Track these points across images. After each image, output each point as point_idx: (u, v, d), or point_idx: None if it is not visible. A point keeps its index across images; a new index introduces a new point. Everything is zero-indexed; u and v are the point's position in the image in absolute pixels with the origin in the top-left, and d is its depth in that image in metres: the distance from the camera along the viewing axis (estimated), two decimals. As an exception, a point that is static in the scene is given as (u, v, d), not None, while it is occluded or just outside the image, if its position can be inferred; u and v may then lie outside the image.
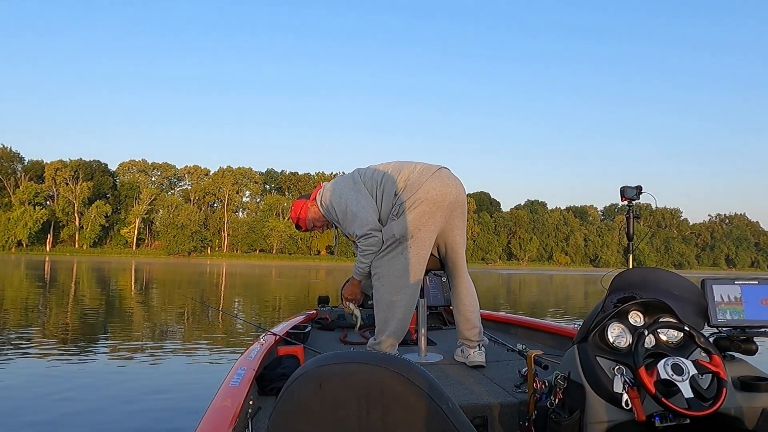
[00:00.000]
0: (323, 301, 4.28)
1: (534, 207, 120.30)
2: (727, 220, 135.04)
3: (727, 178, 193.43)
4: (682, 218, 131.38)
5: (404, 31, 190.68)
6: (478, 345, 2.78)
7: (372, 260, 2.69)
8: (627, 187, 3.51)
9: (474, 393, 2.26)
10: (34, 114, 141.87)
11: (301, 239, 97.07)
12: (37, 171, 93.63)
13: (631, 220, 3.56)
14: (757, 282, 1.86)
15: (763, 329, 1.81)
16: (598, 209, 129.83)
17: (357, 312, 3.05)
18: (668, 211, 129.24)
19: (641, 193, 3.53)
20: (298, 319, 3.77)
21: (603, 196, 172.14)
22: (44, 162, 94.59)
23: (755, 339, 1.81)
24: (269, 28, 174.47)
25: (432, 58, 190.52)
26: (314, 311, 4.14)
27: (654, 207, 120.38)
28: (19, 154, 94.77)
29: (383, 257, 2.66)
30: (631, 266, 3.35)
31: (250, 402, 1.77)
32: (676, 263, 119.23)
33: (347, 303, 3.03)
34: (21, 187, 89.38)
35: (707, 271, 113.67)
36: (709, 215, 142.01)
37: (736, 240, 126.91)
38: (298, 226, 2.97)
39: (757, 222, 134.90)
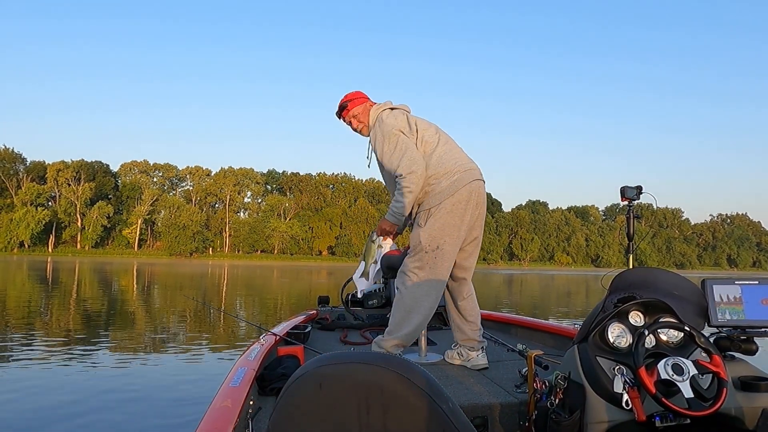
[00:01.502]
0: (323, 301, 4.28)
1: (535, 207, 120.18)
2: (728, 220, 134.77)
3: (729, 178, 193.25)
4: (684, 218, 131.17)
5: (403, 22, 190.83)
6: (482, 347, 2.78)
7: (410, 202, 2.62)
8: (627, 187, 3.51)
9: (474, 393, 2.26)
10: (36, 115, 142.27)
11: (302, 240, 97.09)
12: (39, 172, 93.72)
13: (632, 220, 3.56)
14: (757, 282, 1.85)
15: (763, 329, 1.80)
16: (600, 209, 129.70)
17: (382, 250, 2.86)
18: (669, 211, 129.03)
19: (641, 193, 3.52)
20: (298, 319, 3.78)
21: (604, 195, 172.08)
22: (46, 163, 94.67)
23: (755, 339, 1.81)
24: (269, 28, 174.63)
25: (431, 53, 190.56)
26: (314, 311, 4.15)
27: (655, 207, 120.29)
28: (21, 155, 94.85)
29: (412, 263, 2.64)
30: (631, 266, 3.35)
31: (251, 402, 1.77)
32: (677, 263, 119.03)
33: (376, 238, 2.86)
34: (23, 188, 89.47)
35: (709, 270, 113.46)
36: (710, 215, 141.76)
37: (737, 240, 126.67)
38: (340, 111, 2.90)
39: (759, 222, 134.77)
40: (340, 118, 2.94)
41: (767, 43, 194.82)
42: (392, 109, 2.83)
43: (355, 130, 2.90)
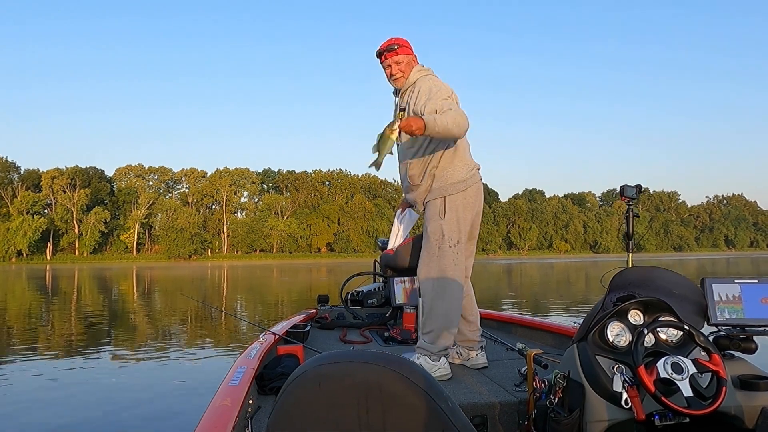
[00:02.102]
0: (323, 300, 4.28)
1: (532, 195, 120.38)
2: (725, 201, 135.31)
3: (724, 159, 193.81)
4: (680, 201, 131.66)
5: (393, 12, 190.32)
6: (481, 347, 2.78)
7: (449, 133, 2.38)
8: (626, 186, 3.50)
9: (474, 392, 2.27)
10: (29, 123, 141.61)
11: (301, 237, 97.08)
12: (33, 180, 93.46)
13: (631, 219, 3.54)
14: (756, 281, 1.86)
15: (762, 328, 1.80)
16: (596, 195, 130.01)
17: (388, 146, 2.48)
18: (666, 194, 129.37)
19: (641, 192, 3.52)
20: (297, 318, 3.78)
21: (601, 182, 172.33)
22: (40, 171, 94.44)
23: (755, 338, 1.81)
24: (262, 28, 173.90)
25: (423, 40, 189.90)
26: (314, 310, 4.15)
27: (651, 192, 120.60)
28: (15, 163, 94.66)
29: (442, 261, 2.59)
30: (630, 266, 3.34)
31: (250, 401, 1.78)
32: (675, 246, 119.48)
33: (397, 128, 2.43)
34: (18, 197, 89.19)
35: (707, 252, 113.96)
36: (707, 197, 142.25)
37: (734, 220, 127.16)
38: (385, 52, 2.74)
39: (755, 202, 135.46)
40: (380, 57, 2.77)
41: (762, 21, 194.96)
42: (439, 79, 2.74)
43: (390, 76, 2.77)
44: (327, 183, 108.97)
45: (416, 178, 2.69)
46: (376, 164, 2.55)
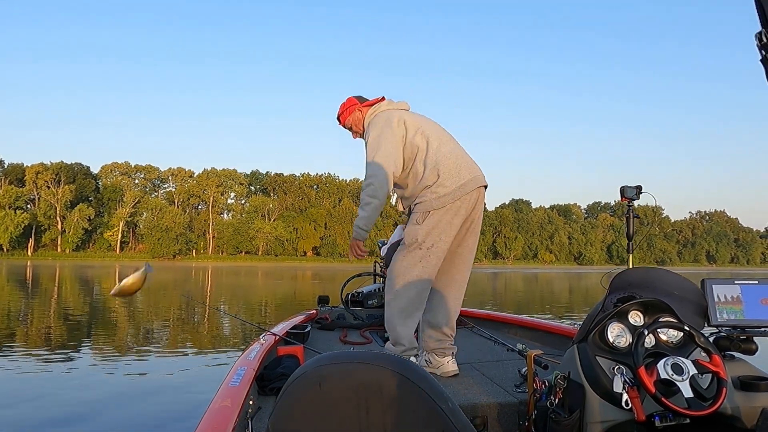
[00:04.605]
0: (323, 301, 4.29)
1: (518, 206, 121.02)
2: (707, 217, 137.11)
3: (708, 176, 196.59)
4: (664, 215, 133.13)
5: (390, 25, 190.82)
6: (452, 353, 2.66)
7: (371, 215, 2.58)
8: (627, 186, 3.54)
9: (474, 393, 2.28)
10: (13, 116, 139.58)
11: (287, 240, 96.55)
12: (17, 174, 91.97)
13: (631, 219, 3.59)
14: (756, 282, 1.88)
15: (762, 329, 1.82)
16: (582, 207, 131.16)
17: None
18: (650, 208, 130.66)
19: (641, 193, 3.56)
20: (298, 319, 3.79)
21: (586, 194, 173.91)
22: (24, 165, 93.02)
23: (755, 338, 1.82)
24: (253, 27, 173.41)
25: (418, 51, 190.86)
26: (314, 311, 4.16)
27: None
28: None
29: (403, 261, 2.59)
30: (630, 266, 3.38)
31: (250, 402, 1.77)
32: (658, 260, 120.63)
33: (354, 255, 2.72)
34: (1, 191, 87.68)
35: (688, 267, 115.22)
36: (689, 212, 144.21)
37: (716, 236, 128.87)
38: (338, 119, 2.95)
39: (737, 218, 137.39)
40: (342, 125, 2.96)
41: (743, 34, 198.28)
42: (386, 111, 2.73)
43: (358, 134, 2.91)
44: (315, 187, 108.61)
45: (396, 190, 2.74)
46: None
